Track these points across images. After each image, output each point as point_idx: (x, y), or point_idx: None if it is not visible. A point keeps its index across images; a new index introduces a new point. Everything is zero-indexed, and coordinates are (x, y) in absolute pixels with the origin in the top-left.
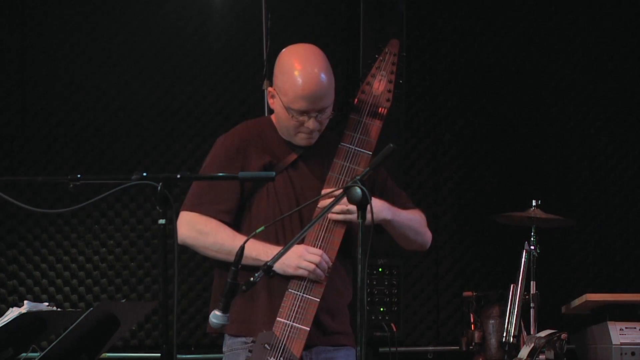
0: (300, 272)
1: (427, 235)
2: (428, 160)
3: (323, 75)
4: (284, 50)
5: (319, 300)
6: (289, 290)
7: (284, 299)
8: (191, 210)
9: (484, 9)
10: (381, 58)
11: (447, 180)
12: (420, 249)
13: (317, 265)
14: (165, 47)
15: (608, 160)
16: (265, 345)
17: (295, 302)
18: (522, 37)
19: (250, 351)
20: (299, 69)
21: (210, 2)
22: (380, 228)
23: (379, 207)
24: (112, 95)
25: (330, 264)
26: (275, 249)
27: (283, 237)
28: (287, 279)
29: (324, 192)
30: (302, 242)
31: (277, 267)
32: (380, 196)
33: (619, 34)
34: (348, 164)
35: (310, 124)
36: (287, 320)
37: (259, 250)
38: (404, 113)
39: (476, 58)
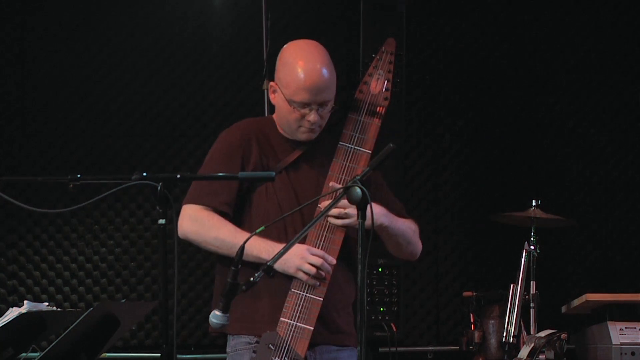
0: (300, 275)
1: (419, 246)
2: (428, 160)
3: (325, 68)
4: (285, 45)
5: (322, 299)
6: (292, 290)
7: (287, 298)
8: (193, 203)
9: (483, 9)
10: (378, 57)
11: (447, 180)
12: (410, 259)
13: (318, 268)
14: (165, 47)
15: (608, 160)
16: (270, 345)
17: (299, 302)
18: (522, 37)
19: (254, 351)
20: (301, 62)
21: (210, 2)
22: (375, 234)
23: (377, 213)
24: (112, 95)
25: (334, 263)
26: (277, 247)
27: (285, 236)
28: (289, 278)
29: (324, 191)
30: (303, 240)
31: (278, 266)
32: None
33: (619, 34)
34: (347, 163)
35: (312, 117)
36: (291, 320)
37: (260, 248)
38: (404, 113)
39: (476, 58)
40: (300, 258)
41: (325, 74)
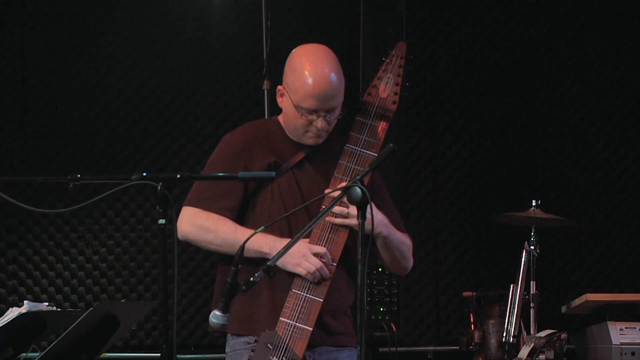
0: (299, 270)
1: (410, 262)
2: (428, 160)
3: (333, 75)
4: (295, 49)
5: (322, 300)
6: (293, 290)
7: (288, 299)
8: (193, 206)
9: (484, 9)
10: (388, 61)
11: (447, 180)
12: (400, 273)
13: (317, 269)
14: (165, 47)
15: (608, 160)
16: (268, 344)
17: (299, 302)
18: (522, 37)
19: (252, 351)
20: (310, 68)
21: (210, 2)
22: (372, 240)
23: (378, 220)
24: (112, 95)
25: (334, 264)
26: (278, 240)
27: (289, 236)
28: (290, 278)
29: (327, 191)
30: (306, 239)
31: (278, 261)
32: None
33: (618, 34)
34: (353, 165)
35: (319, 123)
36: (290, 320)
37: (262, 242)
38: (404, 113)
39: (476, 58)
40: (301, 256)
41: (333, 80)
